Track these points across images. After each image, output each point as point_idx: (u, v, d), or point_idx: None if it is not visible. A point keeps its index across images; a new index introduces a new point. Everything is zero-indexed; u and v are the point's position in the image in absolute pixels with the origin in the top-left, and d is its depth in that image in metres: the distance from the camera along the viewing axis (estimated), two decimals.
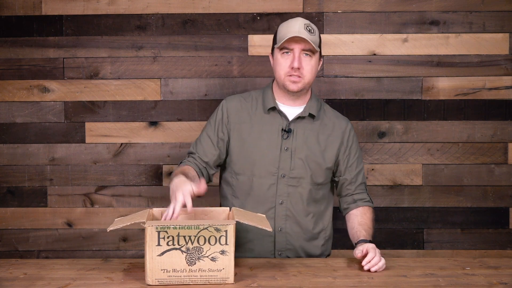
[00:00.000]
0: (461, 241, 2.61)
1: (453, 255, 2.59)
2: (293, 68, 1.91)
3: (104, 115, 2.59)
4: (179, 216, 1.73)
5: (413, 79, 2.57)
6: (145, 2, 2.56)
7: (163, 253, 1.53)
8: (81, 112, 2.59)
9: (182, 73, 2.58)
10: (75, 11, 2.56)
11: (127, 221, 1.59)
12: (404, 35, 2.56)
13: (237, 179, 2.01)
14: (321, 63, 2.02)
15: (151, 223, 1.53)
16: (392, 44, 2.56)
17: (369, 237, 1.88)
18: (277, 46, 1.95)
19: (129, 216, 1.69)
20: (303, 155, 1.97)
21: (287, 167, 1.97)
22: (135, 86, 2.58)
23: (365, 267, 1.71)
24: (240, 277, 1.63)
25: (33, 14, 2.56)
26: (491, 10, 2.54)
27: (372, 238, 1.89)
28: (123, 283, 1.60)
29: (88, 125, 2.59)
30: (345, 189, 2.04)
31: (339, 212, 2.11)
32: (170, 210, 1.65)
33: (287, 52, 1.93)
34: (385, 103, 2.58)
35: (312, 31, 1.92)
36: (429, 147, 2.58)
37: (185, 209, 1.67)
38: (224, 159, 2.04)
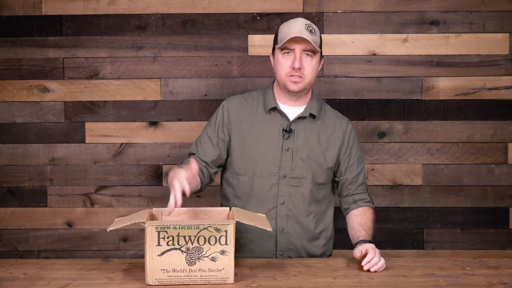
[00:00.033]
0: (461, 241, 2.61)
1: (453, 255, 2.59)
2: (294, 68, 1.91)
3: (104, 115, 2.59)
4: (179, 215, 1.74)
5: (413, 79, 2.57)
6: (145, 2, 2.56)
7: (163, 253, 1.53)
8: (81, 112, 2.59)
9: (182, 73, 2.58)
10: (75, 11, 2.56)
11: (127, 221, 1.59)
12: (404, 35, 2.56)
13: (238, 180, 2.01)
14: (322, 63, 2.02)
15: (151, 223, 1.53)
16: (392, 44, 2.56)
17: (368, 238, 1.88)
18: (278, 46, 1.95)
19: (129, 216, 1.69)
20: (304, 155, 1.97)
21: (288, 167, 1.97)
22: (135, 86, 2.58)
23: (365, 267, 1.71)
24: (240, 277, 1.63)
25: (33, 14, 2.56)
26: (491, 10, 2.54)
27: (372, 238, 1.89)
28: (123, 283, 1.60)
29: (88, 125, 2.59)
30: (346, 189, 2.04)
31: (339, 212, 2.11)
32: (171, 200, 1.65)
33: (288, 52, 1.93)
34: (385, 103, 2.58)
35: (313, 31, 1.92)
36: (429, 147, 2.58)
37: (186, 209, 1.67)
38: (225, 159, 2.04)
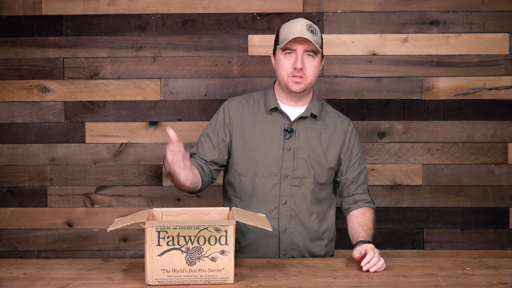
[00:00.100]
0: (461, 241, 2.61)
1: (453, 255, 2.59)
2: (296, 68, 1.91)
3: (104, 115, 2.59)
4: (179, 215, 1.74)
5: (413, 79, 2.57)
6: (145, 2, 2.56)
7: (163, 253, 1.53)
8: (81, 112, 2.59)
9: (182, 73, 2.58)
10: (75, 11, 2.56)
11: (127, 221, 1.59)
12: (404, 35, 2.56)
13: (239, 180, 2.01)
14: (323, 63, 2.02)
15: (151, 223, 1.53)
16: (392, 44, 2.56)
17: (368, 238, 1.87)
18: (279, 47, 1.94)
19: (129, 216, 1.69)
20: (305, 155, 1.97)
21: (289, 167, 1.97)
22: (135, 86, 2.58)
23: (364, 268, 1.70)
24: (240, 277, 1.63)
25: (33, 14, 2.56)
26: (491, 10, 2.54)
27: (372, 239, 1.88)
28: (123, 283, 1.60)
29: (88, 125, 2.59)
30: (347, 189, 2.03)
31: (339, 212, 2.11)
32: (169, 157, 1.76)
33: (290, 53, 1.93)
34: (385, 103, 2.58)
35: (314, 31, 1.92)
36: (429, 147, 2.58)
37: (186, 209, 1.68)
38: (226, 160, 2.04)
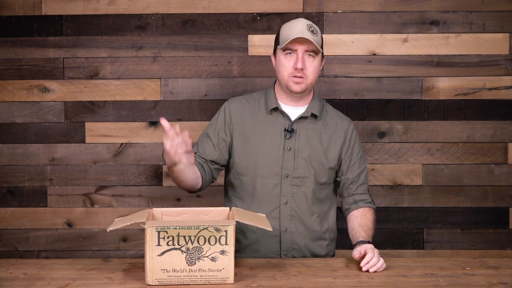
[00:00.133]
0: (461, 241, 2.61)
1: (453, 255, 2.59)
2: (296, 69, 1.91)
3: (104, 115, 2.59)
4: (179, 215, 1.73)
5: (413, 79, 2.57)
6: (145, 2, 2.56)
7: (163, 253, 1.53)
8: (81, 112, 2.59)
9: (182, 73, 2.58)
10: (75, 11, 2.56)
11: (127, 221, 1.59)
12: (404, 35, 2.56)
13: (240, 180, 2.01)
14: (323, 63, 2.02)
15: (151, 223, 1.53)
16: (392, 44, 2.56)
17: (368, 238, 1.87)
18: (280, 47, 1.94)
19: (129, 216, 1.69)
20: (306, 154, 1.97)
21: (290, 167, 1.97)
22: (135, 86, 2.58)
23: (364, 268, 1.70)
24: (240, 277, 1.63)
25: (33, 14, 2.56)
26: (491, 10, 2.54)
27: (371, 239, 1.88)
28: (123, 283, 1.60)
29: (88, 125, 2.59)
30: (347, 189, 2.03)
31: (339, 212, 2.11)
32: (167, 144, 1.71)
33: (290, 53, 1.93)
34: (385, 103, 2.58)
35: (314, 31, 1.92)
36: (429, 147, 2.58)
37: (186, 209, 1.67)
38: (226, 160, 2.03)
